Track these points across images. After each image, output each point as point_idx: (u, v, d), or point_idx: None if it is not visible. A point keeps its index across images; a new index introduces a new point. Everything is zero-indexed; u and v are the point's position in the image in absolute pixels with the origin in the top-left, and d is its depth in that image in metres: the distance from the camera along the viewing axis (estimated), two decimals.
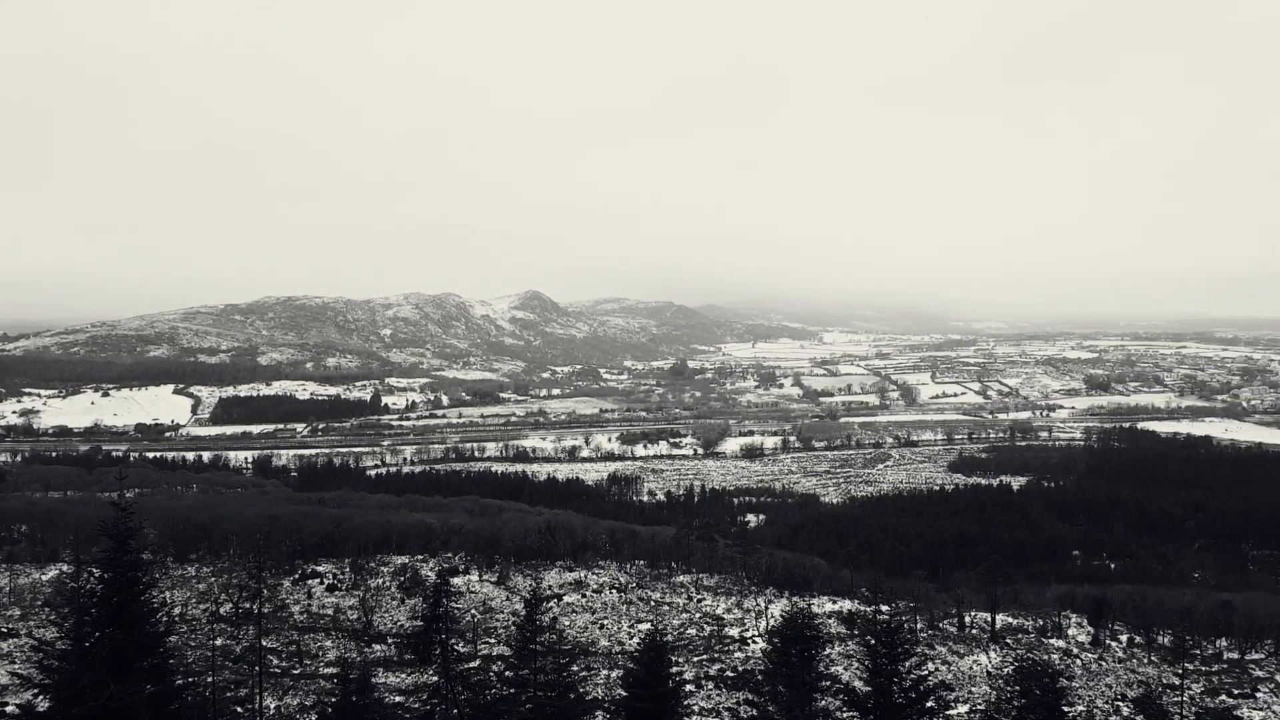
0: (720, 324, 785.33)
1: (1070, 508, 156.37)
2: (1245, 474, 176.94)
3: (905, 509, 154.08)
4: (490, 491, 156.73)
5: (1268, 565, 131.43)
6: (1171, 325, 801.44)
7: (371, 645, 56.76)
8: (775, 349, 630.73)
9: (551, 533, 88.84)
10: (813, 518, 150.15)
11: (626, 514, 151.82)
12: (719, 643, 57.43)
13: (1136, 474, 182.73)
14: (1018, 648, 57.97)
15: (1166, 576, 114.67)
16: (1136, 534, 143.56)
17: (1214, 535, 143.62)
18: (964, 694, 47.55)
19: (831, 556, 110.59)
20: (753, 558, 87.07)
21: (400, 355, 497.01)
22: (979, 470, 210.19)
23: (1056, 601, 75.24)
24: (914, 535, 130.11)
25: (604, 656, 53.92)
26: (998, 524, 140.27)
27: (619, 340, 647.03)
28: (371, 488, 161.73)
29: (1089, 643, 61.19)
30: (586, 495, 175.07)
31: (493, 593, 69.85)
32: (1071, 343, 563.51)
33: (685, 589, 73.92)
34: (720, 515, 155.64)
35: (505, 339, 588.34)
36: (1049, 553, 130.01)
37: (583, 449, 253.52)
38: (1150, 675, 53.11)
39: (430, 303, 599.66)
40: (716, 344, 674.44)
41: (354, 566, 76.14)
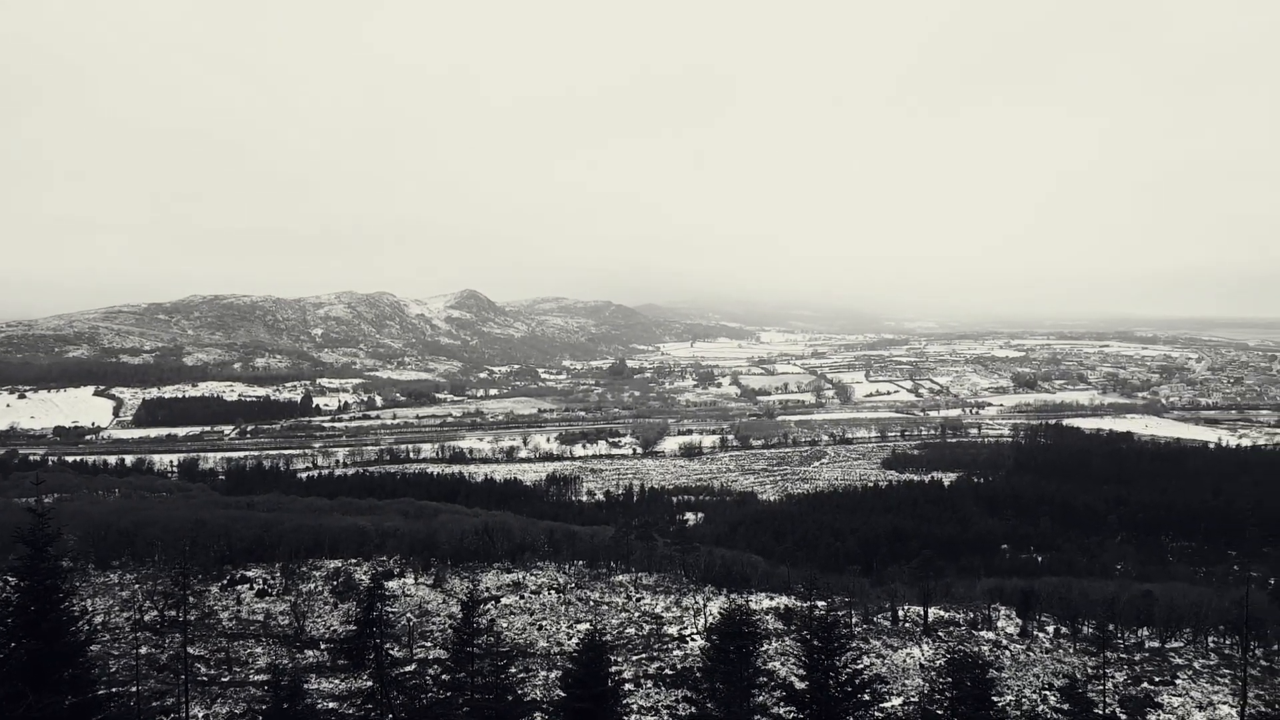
0: (659, 323, 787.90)
1: (999, 503, 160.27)
2: (1164, 469, 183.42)
3: (841, 505, 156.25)
4: (426, 493, 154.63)
5: (1186, 556, 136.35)
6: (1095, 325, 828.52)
7: (304, 651, 55.51)
8: (713, 348, 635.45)
9: (489, 534, 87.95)
10: (751, 515, 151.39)
11: (565, 514, 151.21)
12: (658, 641, 57.45)
13: (1062, 470, 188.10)
14: (949, 640, 59.14)
15: (1091, 569, 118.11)
16: (1062, 528, 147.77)
17: (1135, 528, 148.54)
18: (898, 686, 48.34)
19: (769, 553, 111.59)
20: (691, 556, 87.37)
21: (332, 355, 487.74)
22: (912, 467, 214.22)
23: (986, 594, 76.94)
24: (849, 531, 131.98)
25: (543, 657, 53.55)
26: (930, 519, 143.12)
27: (557, 340, 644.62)
28: (303, 491, 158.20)
29: (1017, 634, 62.71)
30: (525, 496, 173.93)
31: (429, 595, 68.88)
32: (1000, 342, 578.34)
33: (624, 588, 73.84)
34: (659, 514, 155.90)
35: (441, 339, 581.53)
36: (979, 547, 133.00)
37: (521, 449, 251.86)
38: (1075, 664, 54.62)
39: (363, 302, 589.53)
40: (655, 343, 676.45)
41: (285, 571, 74.39)
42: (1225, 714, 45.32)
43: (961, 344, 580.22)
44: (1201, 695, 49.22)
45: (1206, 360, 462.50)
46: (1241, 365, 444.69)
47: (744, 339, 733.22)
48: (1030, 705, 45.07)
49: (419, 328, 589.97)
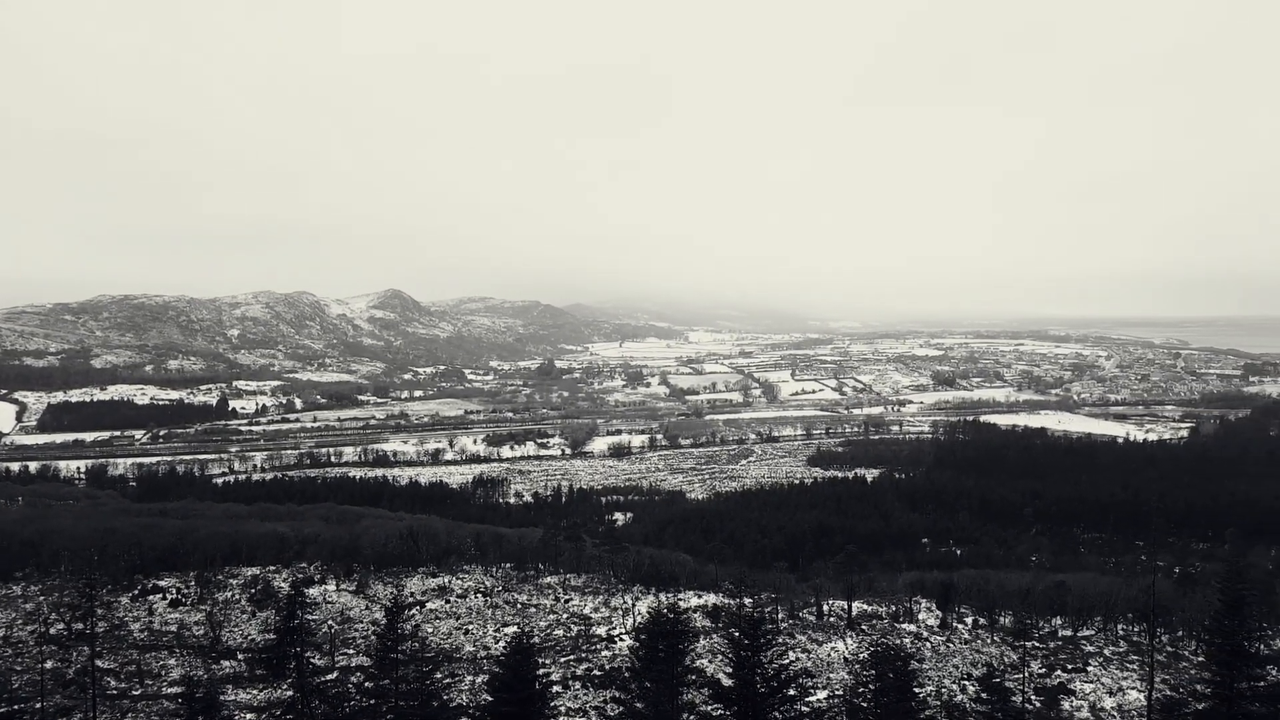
0: (588, 323, 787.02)
1: (920, 498, 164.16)
2: (1076, 462, 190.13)
3: (768, 503, 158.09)
4: (348, 498, 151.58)
5: (1096, 547, 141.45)
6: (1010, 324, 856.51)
7: (220, 662, 53.66)
8: (642, 348, 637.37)
9: (414, 538, 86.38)
10: (679, 514, 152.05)
11: (493, 517, 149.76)
12: (586, 642, 57.13)
13: (980, 465, 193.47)
14: (872, 633, 60.11)
15: (1007, 560, 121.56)
16: (980, 521, 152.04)
17: (1049, 520, 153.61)
18: (823, 680, 48.87)
19: (697, 552, 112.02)
20: (620, 556, 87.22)
21: (250, 357, 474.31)
22: (836, 464, 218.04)
23: (908, 588, 78.46)
24: (776, 528, 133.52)
25: (469, 662, 52.75)
26: (854, 515, 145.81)
27: (484, 340, 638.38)
28: (219, 497, 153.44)
29: (938, 626, 64.07)
30: (451, 499, 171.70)
31: (351, 602, 67.29)
32: (920, 341, 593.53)
33: (553, 590, 73.28)
34: (588, 515, 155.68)
35: (364, 339, 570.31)
36: (901, 541, 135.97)
37: (447, 452, 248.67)
38: (993, 654, 56.03)
39: (282, 302, 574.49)
40: (584, 343, 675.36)
41: (200, 580, 71.89)
42: (1134, 699, 46.98)
43: (884, 343, 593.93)
44: (1112, 681, 50.98)
45: (1115, 358, 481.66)
46: (1148, 363, 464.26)
47: (673, 339, 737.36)
48: (949, 695, 46.05)
49: (340, 328, 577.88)
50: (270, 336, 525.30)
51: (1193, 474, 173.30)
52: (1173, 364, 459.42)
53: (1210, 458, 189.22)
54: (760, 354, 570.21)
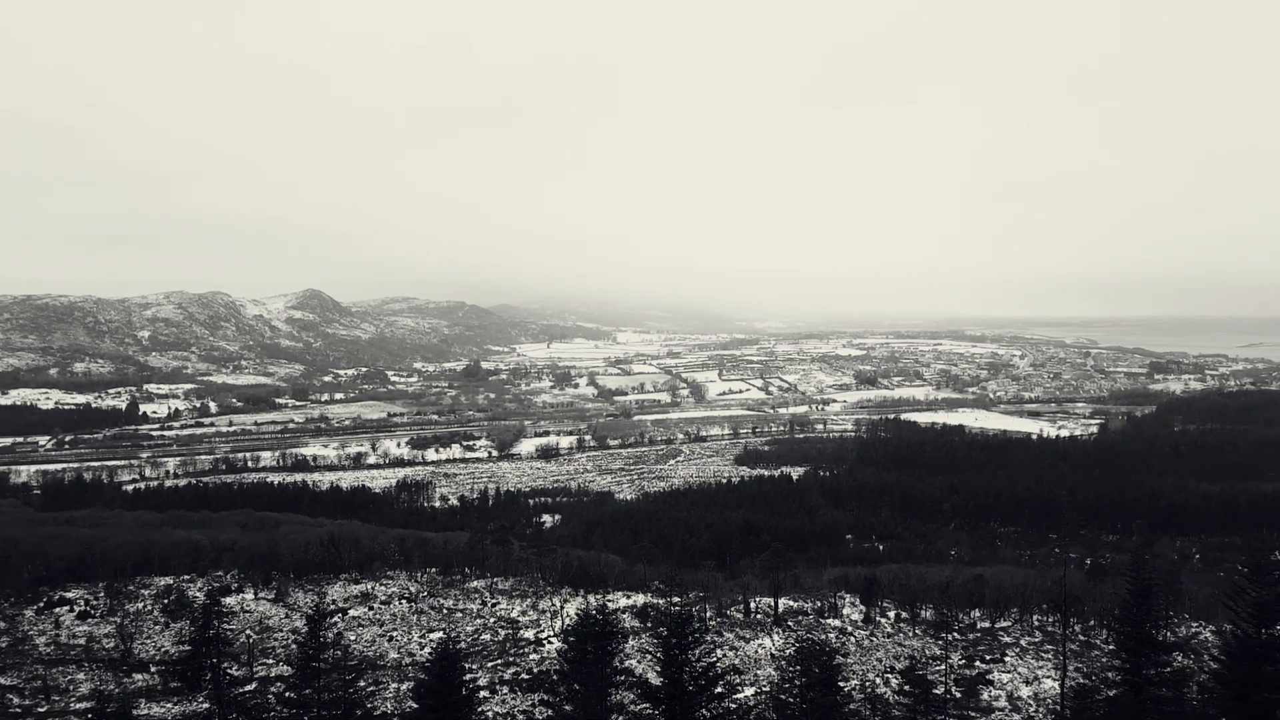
0: (515, 324, 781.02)
1: (844, 495, 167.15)
2: (992, 458, 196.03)
3: (696, 502, 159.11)
4: (266, 504, 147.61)
5: (1012, 540, 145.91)
6: (929, 325, 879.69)
7: (132, 675, 51.53)
8: (570, 349, 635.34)
9: (335, 544, 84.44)
10: (608, 515, 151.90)
11: (418, 521, 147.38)
12: (514, 646, 56.53)
13: (901, 462, 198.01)
14: (799, 629, 60.82)
15: (928, 555, 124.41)
16: (902, 517, 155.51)
17: (967, 515, 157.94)
18: (751, 677, 49.22)
19: (626, 552, 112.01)
20: (548, 558, 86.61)
21: (161, 359, 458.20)
22: (763, 462, 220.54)
23: (832, 583, 79.62)
24: (704, 527, 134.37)
25: (394, 669, 51.68)
26: (780, 512, 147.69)
27: (408, 341, 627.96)
28: (130, 504, 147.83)
29: (862, 620, 65.14)
30: (374, 503, 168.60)
31: (270, 611, 65.40)
32: (843, 341, 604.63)
33: (479, 594, 72.35)
34: (516, 517, 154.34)
35: (282, 341, 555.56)
36: (826, 537, 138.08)
37: (369, 455, 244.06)
38: (915, 647, 57.21)
39: (195, 302, 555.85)
40: (511, 344, 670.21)
41: (110, 591, 69.02)
42: (1049, 687, 48.43)
43: (808, 343, 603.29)
44: (1028, 670, 52.51)
45: (1029, 357, 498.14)
46: (1060, 361, 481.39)
47: (601, 339, 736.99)
48: (874, 688, 46.79)
49: (257, 329, 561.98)
50: (183, 338, 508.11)
51: (1102, 469, 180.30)
52: (1083, 363, 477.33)
53: (1118, 453, 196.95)
54: (688, 354, 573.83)
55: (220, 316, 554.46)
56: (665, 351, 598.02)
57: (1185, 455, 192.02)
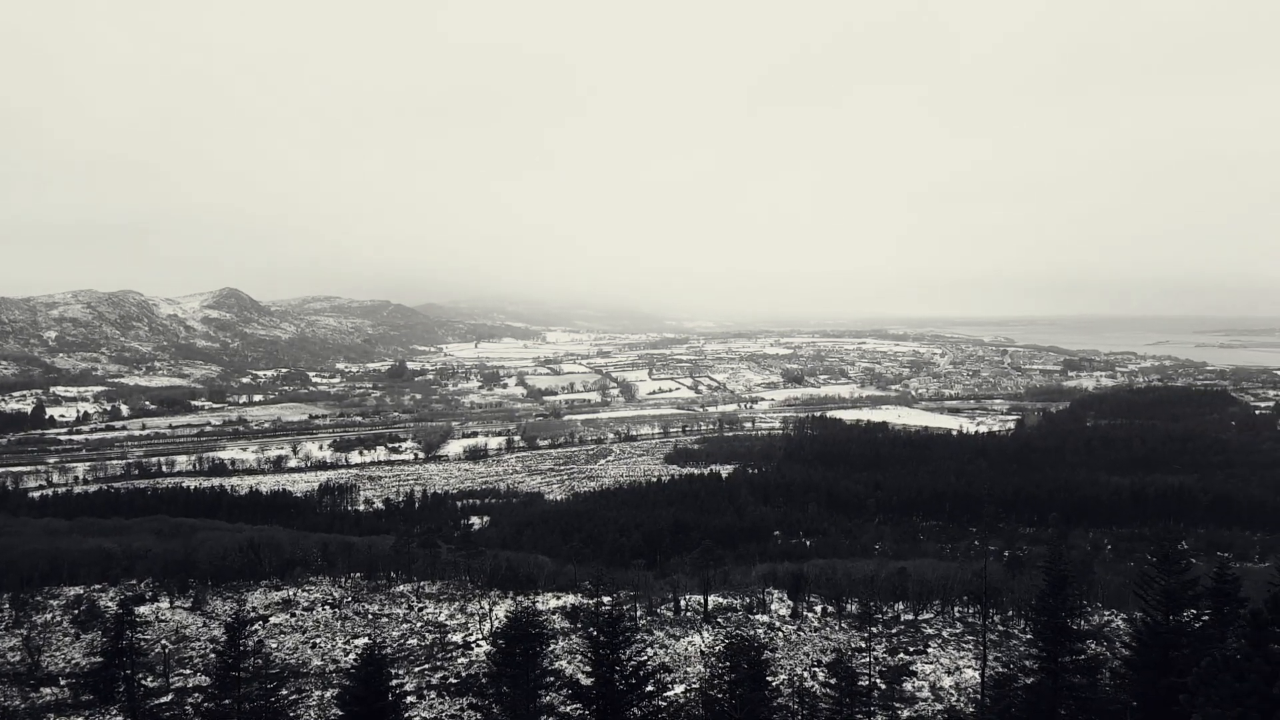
0: (442, 324, 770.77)
1: (772, 492, 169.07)
2: (915, 454, 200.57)
3: (626, 501, 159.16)
4: (182, 509, 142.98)
5: (934, 534, 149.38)
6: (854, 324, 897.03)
7: (40, 689, 49.34)
8: (499, 349, 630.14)
9: (255, 550, 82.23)
10: (537, 516, 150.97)
11: (341, 525, 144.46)
12: (442, 650, 55.72)
13: (827, 458, 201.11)
14: (728, 625, 61.29)
15: (853, 549, 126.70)
16: (828, 513, 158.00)
17: (891, 510, 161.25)
18: (681, 674, 49.40)
19: (556, 553, 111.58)
20: (477, 560, 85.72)
21: (69, 361, 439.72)
22: (692, 461, 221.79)
23: (761, 580, 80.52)
24: (634, 526, 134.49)
25: (317, 677, 50.47)
26: (710, 510, 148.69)
27: (331, 341, 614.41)
28: (36, 512, 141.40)
29: (789, 615, 65.99)
30: (296, 508, 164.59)
31: (187, 620, 63.31)
32: (771, 340, 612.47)
33: (406, 598, 71.18)
34: (443, 520, 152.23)
35: (198, 341, 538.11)
36: (754, 534, 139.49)
37: (290, 459, 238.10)
38: (841, 640, 58.17)
39: (105, 301, 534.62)
40: (438, 344, 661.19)
41: (15, 602, 66.07)
42: (970, 677, 49.71)
43: (737, 342, 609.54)
44: (950, 661, 53.82)
45: (950, 355, 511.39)
46: (978, 360, 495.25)
47: (530, 339, 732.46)
48: (801, 682, 47.37)
49: (172, 330, 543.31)
50: (92, 339, 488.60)
51: (1019, 463, 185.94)
52: (1000, 361, 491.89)
53: (1034, 448, 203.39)
54: (618, 354, 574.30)
55: (132, 316, 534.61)
56: (595, 351, 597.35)
57: (1097, 450, 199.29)
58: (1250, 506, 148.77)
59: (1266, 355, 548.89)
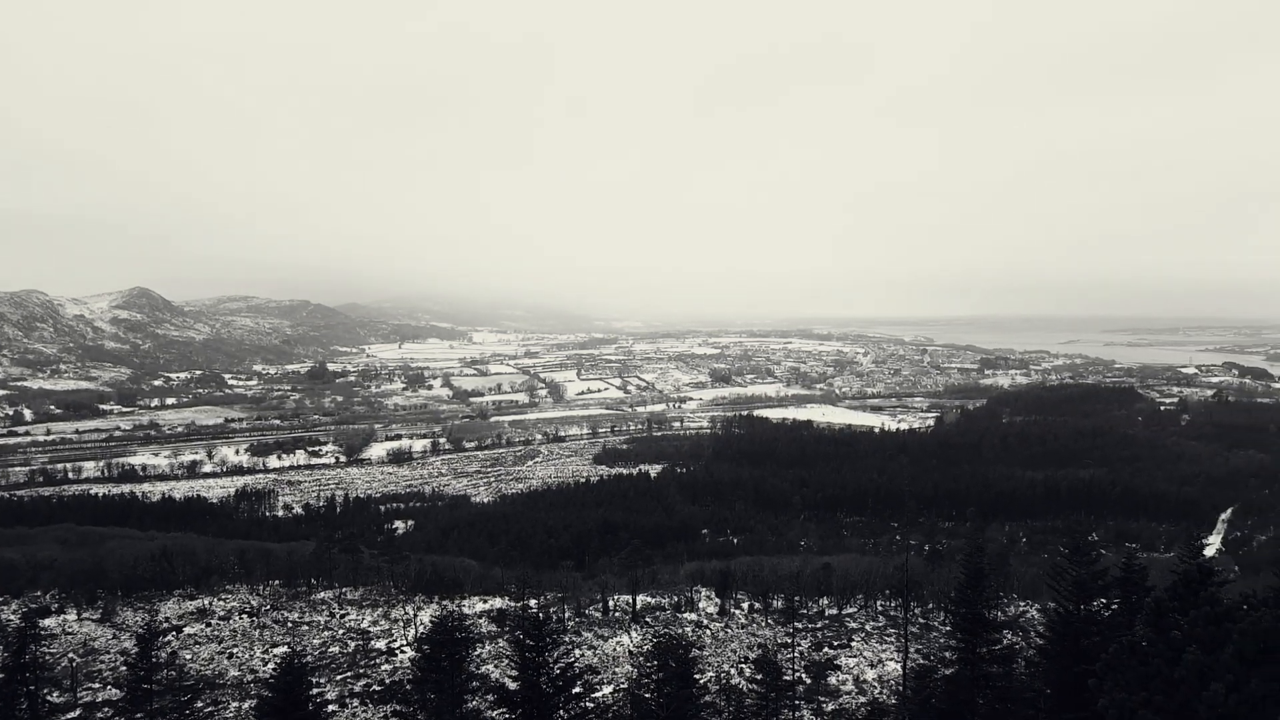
0: (364, 324, 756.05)
1: (700, 490, 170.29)
2: (839, 452, 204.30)
3: (554, 503, 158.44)
4: (90, 517, 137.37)
5: (858, 530, 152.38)
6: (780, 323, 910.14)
7: None
8: (424, 349, 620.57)
9: (168, 559, 79.32)
10: (464, 519, 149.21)
11: (259, 532, 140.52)
12: (365, 657, 54.56)
13: (754, 457, 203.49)
14: (656, 625, 61.40)
15: (779, 546, 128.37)
16: (755, 510, 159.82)
17: (816, 507, 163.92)
18: (609, 675, 49.28)
19: (483, 556, 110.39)
20: (400, 565, 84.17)
21: None
22: (621, 461, 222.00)
23: (689, 578, 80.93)
24: (562, 527, 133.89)
25: (234, 687, 48.90)
26: (638, 510, 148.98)
27: (247, 342, 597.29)
28: None
29: (717, 613, 66.44)
30: (211, 514, 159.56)
31: (96, 631, 60.72)
32: (699, 340, 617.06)
33: (327, 605, 69.53)
34: (366, 524, 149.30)
35: (106, 343, 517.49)
36: (683, 533, 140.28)
37: (205, 464, 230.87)
38: (768, 636, 58.78)
39: (6, 301, 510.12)
40: (360, 345, 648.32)
41: None
42: (892, 669, 50.72)
43: (665, 342, 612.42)
44: (873, 654, 54.84)
45: (872, 354, 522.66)
46: (899, 359, 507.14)
47: (456, 339, 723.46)
48: (728, 678, 47.72)
49: (78, 331, 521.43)
50: None
51: (939, 459, 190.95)
52: (920, 359, 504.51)
53: (953, 444, 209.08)
54: (546, 354, 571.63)
55: (36, 317, 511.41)
56: (523, 351, 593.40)
57: (1013, 445, 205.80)
58: (1156, 499, 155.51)
59: (1170, 353, 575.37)
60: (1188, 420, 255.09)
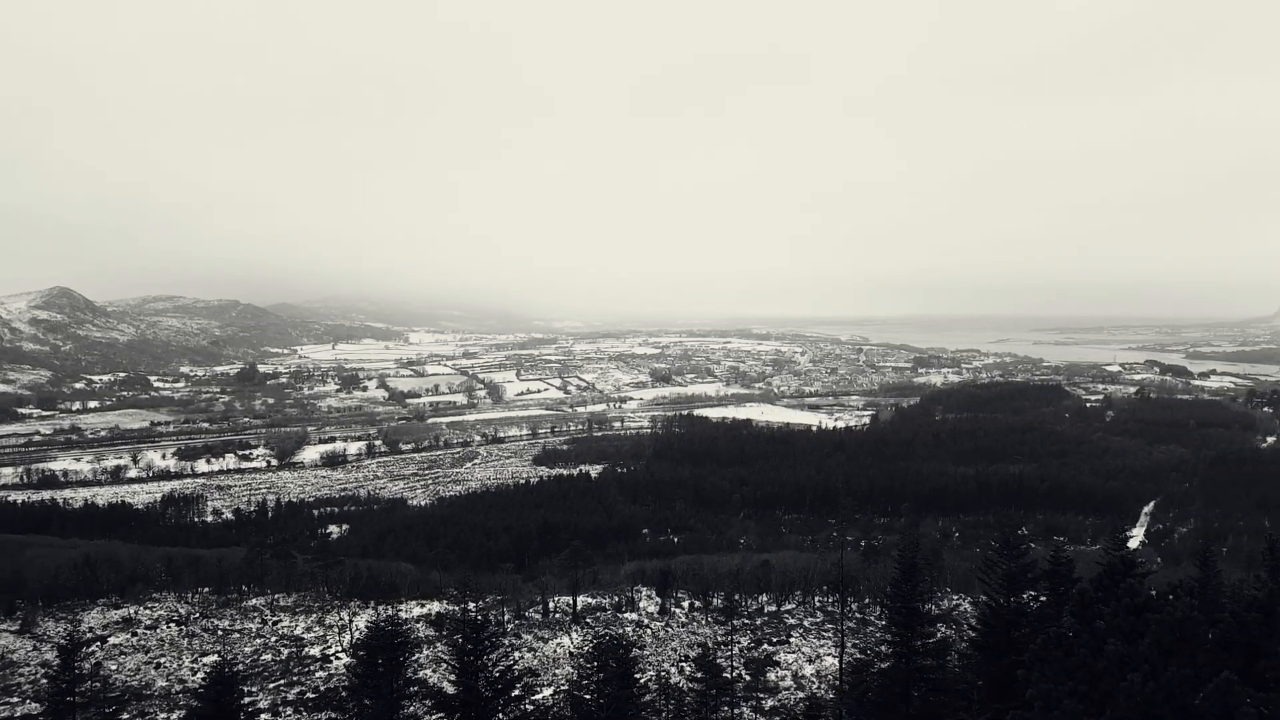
0: (296, 324, 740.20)
1: (641, 490, 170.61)
2: (778, 450, 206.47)
3: (494, 504, 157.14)
4: (8, 525, 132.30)
5: (796, 527, 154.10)
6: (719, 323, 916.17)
7: None
8: (358, 350, 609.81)
9: (91, 566, 76.80)
10: (400, 522, 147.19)
11: (188, 538, 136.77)
12: (299, 664, 53.45)
13: (694, 456, 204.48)
14: (597, 625, 61.33)
15: (719, 545, 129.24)
16: (696, 509, 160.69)
17: (755, 505, 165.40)
18: (549, 677, 49.07)
19: (421, 560, 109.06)
20: (335, 570, 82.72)
21: None
22: (562, 461, 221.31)
23: (630, 578, 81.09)
24: (502, 529, 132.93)
25: (162, 698, 47.50)
26: (579, 511, 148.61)
27: (174, 343, 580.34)
28: None
29: (658, 612, 66.64)
30: (137, 520, 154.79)
31: (14, 643, 58.44)
32: (639, 340, 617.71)
33: (259, 612, 67.95)
34: (299, 529, 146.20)
35: (24, 344, 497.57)
36: (623, 533, 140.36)
37: (131, 469, 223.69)
38: (708, 634, 59.12)
39: None
40: (292, 346, 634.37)
41: None
42: (830, 664, 51.43)
43: (605, 342, 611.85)
44: (811, 650, 55.56)
45: (809, 354, 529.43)
46: (836, 358, 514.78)
47: (391, 340, 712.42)
48: (668, 677, 47.86)
49: None
50: None
51: (874, 456, 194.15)
52: (856, 359, 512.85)
53: (888, 441, 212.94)
54: (485, 354, 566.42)
55: None
56: (461, 352, 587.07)
57: (946, 442, 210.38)
58: (1083, 493, 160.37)
59: (1095, 352, 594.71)
60: (1112, 416, 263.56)
